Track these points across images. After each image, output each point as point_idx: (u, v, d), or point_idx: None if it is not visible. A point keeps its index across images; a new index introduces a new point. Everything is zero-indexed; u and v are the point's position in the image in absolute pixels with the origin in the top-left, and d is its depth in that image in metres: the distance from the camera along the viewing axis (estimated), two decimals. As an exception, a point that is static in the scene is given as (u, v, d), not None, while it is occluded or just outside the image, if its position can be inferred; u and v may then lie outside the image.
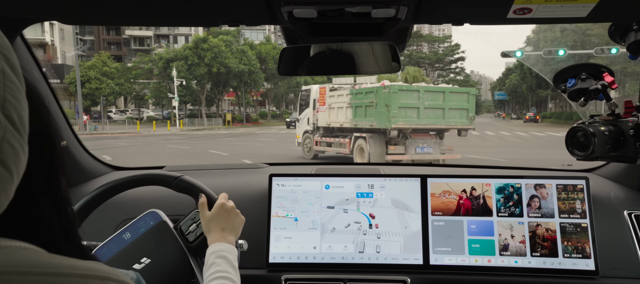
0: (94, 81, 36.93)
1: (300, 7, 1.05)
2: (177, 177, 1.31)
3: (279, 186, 1.59)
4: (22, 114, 0.44)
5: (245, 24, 1.23)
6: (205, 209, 1.20)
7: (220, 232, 1.15)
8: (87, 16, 1.25)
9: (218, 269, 1.04)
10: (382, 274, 1.49)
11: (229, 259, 1.09)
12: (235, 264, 1.10)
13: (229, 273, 1.05)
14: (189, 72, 36.19)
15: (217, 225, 1.16)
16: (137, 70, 40.40)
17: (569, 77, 1.33)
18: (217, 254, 1.08)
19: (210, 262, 1.07)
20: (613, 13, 1.14)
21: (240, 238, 1.40)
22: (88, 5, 1.12)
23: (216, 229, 1.16)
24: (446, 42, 63.28)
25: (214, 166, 2.00)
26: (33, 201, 0.52)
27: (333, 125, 12.21)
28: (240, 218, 1.23)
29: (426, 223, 1.53)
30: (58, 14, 1.22)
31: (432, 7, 1.07)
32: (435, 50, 64.28)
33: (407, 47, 31.02)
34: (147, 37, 58.37)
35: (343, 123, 11.75)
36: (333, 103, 12.28)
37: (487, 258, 1.49)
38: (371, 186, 1.58)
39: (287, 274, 1.50)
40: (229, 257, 1.09)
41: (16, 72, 0.45)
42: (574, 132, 1.29)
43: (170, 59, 36.27)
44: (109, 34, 59.09)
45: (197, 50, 36.03)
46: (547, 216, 1.50)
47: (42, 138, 0.54)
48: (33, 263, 0.43)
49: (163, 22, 1.29)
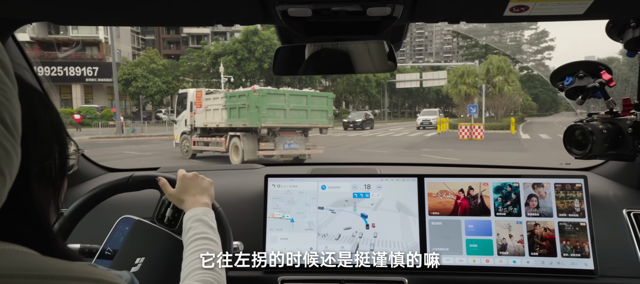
0: (140, 79, 34.22)
1: (294, 6, 1.05)
2: (129, 177, 1.29)
3: (274, 186, 1.58)
4: (14, 115, 0.44)
5: (240, 24, 1.22)
6: (168, 187, 1.21)
7: (191, 198, 1.16)
8: (78, 17, 1.24)
9: (195, 232, 1.05)
10: (380, 275, 1.48)
11: (204, 220, 1.09)
12: (212, 224, 1.10)
13: (206, 234, 1.05)
14: (238, 68, 33.22)
15: (185, 194, 1.17)
16: (185, 67, 37.73)
17: (566, 75, 1.32)
18: (193, 219, 1.09)
19: (187, 228, 1.08)
20: (610, 10, 1.14)
21: (235, 240, 1.39)
22: (79, 6, 1.11)
23: (187, 198, 1.16)
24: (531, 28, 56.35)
25: (208, 168, 1.99)
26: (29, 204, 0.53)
27: (210, 125, 13.23)
28: (207, 180, 1.23)
29: (423, 223, 1.52)
30: (49, 15, 1.21)
31: (428, 5, 1.06)
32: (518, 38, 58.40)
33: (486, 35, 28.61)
34: (204, 35, 56.32)
35: (219, 123, 12.81)
36: (209, 105, 13.31)
37: (485, 258, 1.48)
38: (368, 186, 1.56)
39: (283, 276, 1.49)
40: (204, 219, 1.09)
41: (8, 74, 0.45)
42: (572, 131, 1.28)
43: (218, 54, 33.59)
44: (169, 33, 58.01)
45: (247, 44, 32.93)
46: (545, 216, 1.49)
47: (40, 140, 0.54)
48: (27, 266, 0.43)
49: (156, 22, 1.28)
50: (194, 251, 1.01)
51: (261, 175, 1.62)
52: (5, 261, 0.43)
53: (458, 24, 1.20)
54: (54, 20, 1.23)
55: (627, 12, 1.15)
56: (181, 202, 1.18)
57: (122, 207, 1.39)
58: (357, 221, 1.53)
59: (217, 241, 1.07)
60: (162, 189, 1.23)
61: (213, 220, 1.12)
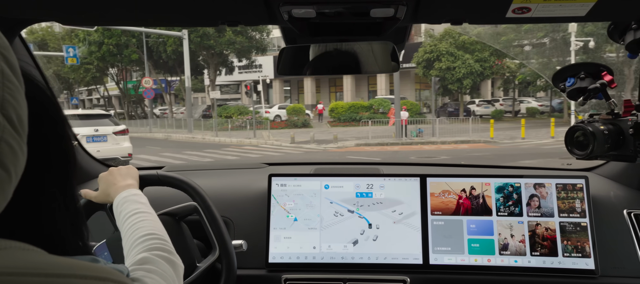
0: (444, 58, 24.07)
1: (299, 7, 1.05)
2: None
3: (278, 186, 1.59)
4: (21, 114, 0.44)
5: (245, 24, 1.23)
6: (91, 193, 1.17)
7: (113, 187, 1.11)
8: (85, 17, 1.25)
9: (125, 213, 1.00)
10: (382, 274, 1.49)
11: (131, 199, 1.04)
12: (142, 200, 1.05)
13: (136, 209, 1.00)
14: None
15: (108, 189, 1.12)
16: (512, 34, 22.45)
17: (568, 76, 1.32)
18: (120, 204, 1.04)
19: (117, 213, 1.03)
20: (612, 12, 1.14)
21: (239, 238, 1.40)
22: (86, 6, 1.12)
23: (110, 191, 1.11)
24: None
25: (213, 166, 2.00)
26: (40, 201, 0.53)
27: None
28: (123, 167, 1.19)
29: (426, 223, 1.53)
30: (57, 15, 1.22)
31: (431, 6, 1.07)
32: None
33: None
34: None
35: None
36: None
37: (487, 258, 1.49)
38: (370, 186, 1.57)
39: (287, 274, 1.50)
40: (130, 198, 1.04)
41: (15, 72, 0.45)
42: (573, 132, 1.29)
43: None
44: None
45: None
46: (546, 216, 1.50)
47: (49, 138, 0.55)
48: (33, 264, 0.43)
49: (161, 22, 1.29)
50: (131, 226, 0.94)
51: (265, 174, 1.63)
52: (10, 259, 0.42)
53: (461, 24, 1.20)
54: (61, 21, 1.24)
55: (628, 14, 1.16)
56: (108, 197, 1.12)
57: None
58: (359, 221, 1.55)
59: (151, 212, 1.01)
60: (90, 199, 1.18)
61: (141, 196, 1.07)
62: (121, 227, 0.98)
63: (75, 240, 0.58)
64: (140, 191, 1.10)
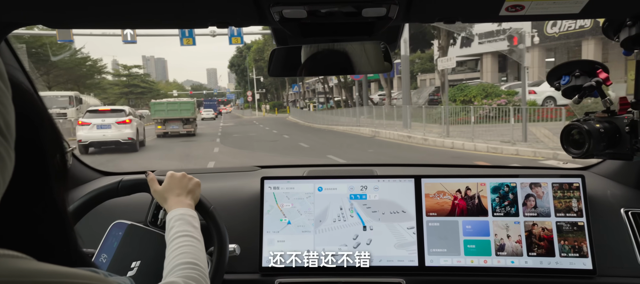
0: None
1: (289, 8, 1.04)
2: (119, 182, 1.28)
3: (271, 188, 1.57)
4: (8, 119, 0.43)
5: (235, 25, 1.21)
6: (155, 183, 1.21)
7: (175, 198, 1.16)
8: (72, 20, 1.23)
9: (177, 230, 1.05)
10: (377, 277, 1.47)
11: (186, 219, 1.09)
12: (195, 224, 1.10)
13: (188, 232, 1.05)
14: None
15: (170, 193, 1.18)
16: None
17: (562, 74, 1.31)
18: (175, 218, 1.09)
19: (169, 227, 1.08)
20: (606, 9, 1.13)
21: (232, 243, 1.38)
22: (73, 9, 1.10)
23: (171, 197, 1.17)
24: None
25: (204, 170, 1.98)
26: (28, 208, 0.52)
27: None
28: (194, 180, 1.23)
29: (421, 224, 1.51)
30: (43, 18, 1.20)
31: (423, 5, 1.06)
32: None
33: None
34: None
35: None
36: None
37: (483, 259, 1.47)
38: (364, 187, 1.55)
39: (280, 278, 1.48)
40: (187, 218, 1.09)
41: (2, 77, 0.44)
42: (569, 130, 1.28)
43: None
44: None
45: None
46: (543, 215, 1.48)
47: (36, 144, 0.54)
48: (23, 272, 0.42)
49: (149, 24, 1.27)
50: (177, 248, 1.00)
51: (257, 177, 1.61)
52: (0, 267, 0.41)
53: (454, 23, 1.19)
54: (48, 24, 1.22)
55: (623, 10, 1.15)
56: (164, 201, 1.18)
57: (115, 211, 1.38)
58: (354, 223, 1.52)
59: (200, 239, 1.07)
60: (150, 186, 1.23)
61: (196, 220, 1.12)
62: (169, 240, 1.04)
63: (65, 247, 0.57)
64: (196, 214, 1.15)
